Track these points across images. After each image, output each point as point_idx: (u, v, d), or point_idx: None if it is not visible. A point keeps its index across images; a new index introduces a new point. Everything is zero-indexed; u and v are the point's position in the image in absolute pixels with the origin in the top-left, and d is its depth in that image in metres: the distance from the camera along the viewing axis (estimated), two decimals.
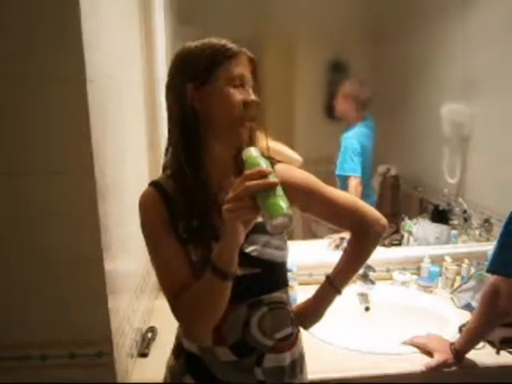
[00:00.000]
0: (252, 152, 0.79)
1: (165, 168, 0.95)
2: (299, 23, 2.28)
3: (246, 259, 0.88)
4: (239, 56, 0.87)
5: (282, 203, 0.72)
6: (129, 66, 1.38)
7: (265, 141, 0.95)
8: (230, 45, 0.87)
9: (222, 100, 0.86)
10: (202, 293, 0.83)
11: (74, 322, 1.03)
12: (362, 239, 1.04)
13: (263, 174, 0.73)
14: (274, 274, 0.95)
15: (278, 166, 0.95)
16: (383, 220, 1.04)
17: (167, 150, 0.93)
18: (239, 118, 0.86)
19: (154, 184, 0.93)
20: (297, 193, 0.93)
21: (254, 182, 0.72)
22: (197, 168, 0.87)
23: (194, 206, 0.87)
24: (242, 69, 0.87)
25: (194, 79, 0.86)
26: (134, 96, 1.44)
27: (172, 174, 0.91)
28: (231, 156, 0.91)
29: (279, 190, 0.73)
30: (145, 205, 0.92)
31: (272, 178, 0.73)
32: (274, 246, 0.92)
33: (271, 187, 0.73)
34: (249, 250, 0.90)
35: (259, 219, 0.90)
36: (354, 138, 2.13)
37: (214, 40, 0.88)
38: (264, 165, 0.76)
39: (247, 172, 0.74)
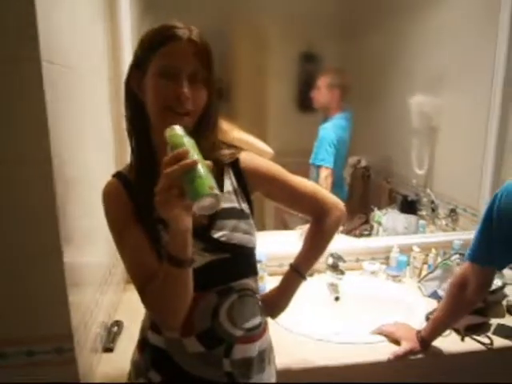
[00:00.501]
0: (174, 130, 0.75)
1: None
2: (271, 14, 2.25)
3: (214, 244, 0.87)
4: (179, 43, 0.81)
5: (204, 184, 0.69)
6: (92, 54, 1.31)
7: (232, 132, 0.94)
8: (177, 29, 0.82)
9: (150, 91, 0.84)
10: (163, 282, 0.80)
11: (32, 317, 0.97)
12: (322, 224, 1.06)
13: (179, 157, 0.70)
14: (244, 260, 0.95)
15: (242, 154, 0.97)
16: (341, 205, 1.07)
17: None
18: (164, 111, 0.82)
19: (117, 175, 0.92)
20: (259, 179, 0.97)
21: (171, 169, 0.69)
22: (147, 156, 0.88)
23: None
24: (178, 57, 0.82)
25: (137, 66, 0.86)
26: (97, 83, 1.38)
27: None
28: None
29: (200, 170, 0.70)
30: (107, 196, 0.91)
31: (189, 158, 0.70)
32: (242, 230, 0.91)
33: (190, 168, 0.69)
34: (217, 235, 0.89)
35: (225, 204, 0.89)
36: (331, 130, 2.14)
37: (167, 24, 0.84)
38: (186, 143, 0.72)
39: (165, 158, 0.71)
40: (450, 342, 1.31)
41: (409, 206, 2.12)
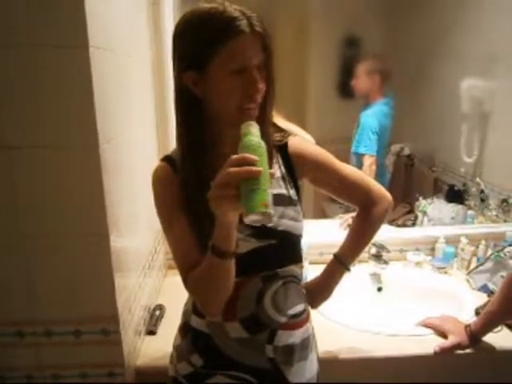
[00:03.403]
0: (250, 128, 0.73)
1: None
2: None
3: (261, 231, 0.86)
4: (244, 38, 0.77)
5: (260, 198, 0.66)
6: (135, 40, 1.32)
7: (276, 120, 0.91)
8: (238, 21, 0.76)
9: (221, 93, 0.81)
10: (206, 271, 0.80)
11: (80, 298, 1.00)
12: (369, 215, 1.04)
13: (248, 162, 0.68)
14: (290, 247, 0.93)
15: (291, 139, 0.95)
16: (389, 196, 1.05)
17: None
18: (239, 110, 0.81)
19: (166, 159, 0.92)
20: (307, 165, 0.95)
21: (235, 170, 0.67)
22: (200, 151, 0.86)
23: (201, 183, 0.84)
24: (246, 54, 0.78)
25: (193, 64, 0.81)
26: (140, 67, 1.39)
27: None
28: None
29: (262, 182, 0.67)
30: (157, 180, 0.91)
31: (256, 167, 0.67)
32: (290, 217, 0.90)
33: (253, 177, 0.67)
34: None
35: (275, 191, 0.87)
36: (374, 117, 2.09)
37: (225, 9, 0.77)
38: (259, 148, 0.70)
39: (234, 157, 0.69)
40: (501, 338, 1.25)
41: (455, 196, 2.03)
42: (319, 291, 1.07)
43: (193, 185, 0.86)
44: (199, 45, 0.79)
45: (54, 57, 0.86)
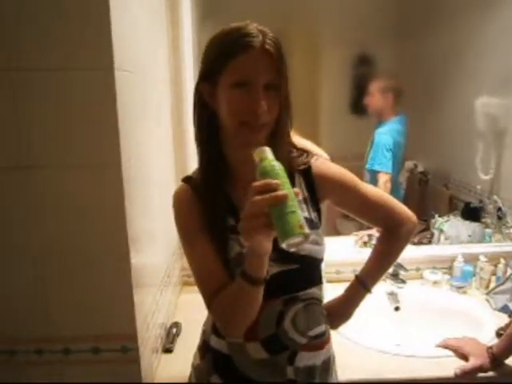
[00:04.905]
0: (264, 154, 0.72)
1: None
2: (324, 16, 2.23)
3: (284, 255, 0.83)
4: (252, 53, 0.77)
5: (293, 222, 0.66)
6: (154, 60, 1.35)
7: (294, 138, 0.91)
8: (251, 37, 0.77)
9: (224, 105, 0.81)
10: (234, 296, 0.80)
11: (99, 316, 1.01)
12: (393, 236, 1.02)
13: (271, 188, 0.67)
14: (312, 271, 0.93)
15: (314, 161, 0.93)
16: (414, 218, 1.02)
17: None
18: (241, 126, 0.80)
19: (186, 179, 0.92)
20: (332, 187, 0.93)
21: (261, 198, 0.66)
22: (217, 169, 0.86)
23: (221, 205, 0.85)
24: (252, 69, 0.77)
25: (208, 77, 0.82)
26: (159, 89, 1.41)
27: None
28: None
29: (290, 205, 0.67)
30: (179, 203, 0.90)
31: (281, 191, 0.67)
32: (312, 241, 0.88)
33: (281, 202, 0.66)
34: None
35: None
36: (388, 134, 2.10)
37: (246, 27, 0.79)
38: (278, 171, 0.69)
39: (255, 184, 0.68)
40: None
41: (472, 214, 2.00)
42: (339, 312, 1.05)
43: (213, 202, 0.86)
44: (213, 58, 0.81)
45: (82, 79, 0.89)
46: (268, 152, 0.72)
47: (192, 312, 0.90)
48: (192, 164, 1.58)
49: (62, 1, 0.86)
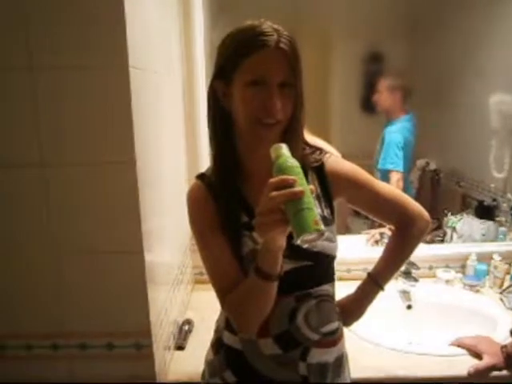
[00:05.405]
0: (280, 150, 0.72)
1: None
2: (335, 13, 2.21)
3: (297, 252, 0.83)
4: (267, 51, 0.77)
5: (309, 218, 0.66)
6: (167, 58, 1.36)
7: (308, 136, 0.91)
8: (266, 36, 0.77)
9: (238, 102, 0.81)
10: (248, 292, 0.81)
11: (113, 312, 1.02)
12: (406, 234, 1.01)
13: (288, 184, 0.67)
14: (324, 267, 0.93)
15: (327, 158, 0.94)
16: (427, 215, 1.02)
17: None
18: (254, 123, 0.80)
19: (200, 177, 0.93)
20: (345, 184, 0.93)
21: (277, 194, 0.67)
22: (230, 166, 0.87)
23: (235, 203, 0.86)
24: (266, 67, 0.77)
25: (222, 75, 0.83)
26: (172, 87, 1.42)
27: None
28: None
29: (306, 201, 0.67)
30: (193, 201, 0.91)
31: (297, 187, 0.67)
32: (326, 238, 0.88)
33: (297, 198, 0.67)
34: None
35: None
36: (398, 132, 2.08)
37: (260, 25, 0.79)
38: (294, 167, 0.70)
39: (272, 181, 0.69)
40: None
41: (485, 212, 1.98)
42: (352, 310, 1.05)
43: (226, 199, 0.86)
44: (228, 56, 0.81)
45: (98, 77, 0.90)
46: (284, 149, 0.73)
47: (204, 309, 0.91)
48: (204, 162, 1.59)
49: (78, 2, 0.87)
